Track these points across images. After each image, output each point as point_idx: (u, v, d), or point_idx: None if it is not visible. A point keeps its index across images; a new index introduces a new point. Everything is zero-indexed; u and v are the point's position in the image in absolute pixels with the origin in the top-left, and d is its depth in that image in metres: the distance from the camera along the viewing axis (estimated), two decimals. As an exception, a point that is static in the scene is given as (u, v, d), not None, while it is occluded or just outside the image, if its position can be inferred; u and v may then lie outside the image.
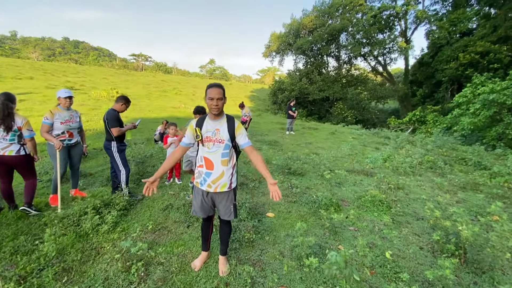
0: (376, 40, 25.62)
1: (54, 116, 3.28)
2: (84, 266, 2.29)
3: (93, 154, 5.94)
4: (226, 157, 2.04)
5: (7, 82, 21.38)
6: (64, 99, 3.34)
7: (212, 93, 1.92)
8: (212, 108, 1.95)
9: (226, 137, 2.01)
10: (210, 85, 1.96)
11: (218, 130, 2.02)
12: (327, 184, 4.62)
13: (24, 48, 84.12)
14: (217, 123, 2.03)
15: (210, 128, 2.03)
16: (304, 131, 12.75)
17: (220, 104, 1.95)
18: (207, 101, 1.96)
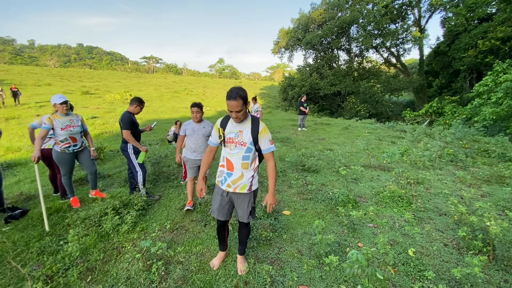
0: (388, 31, 24.85)
1: (53, 123, 3.22)
2: (106, 266, 2.35)
3: (110, 156, 6.10)
4: (247, 160, 1.99)
5: (28, 89, 22.33)
6: (60, 105, 3.26)
7: (231, 106, 1.84)
8: (233, 118, 1.92)
9: (249, 140, 1.96)
10: (228, 97, 1.83)
11: (241, 132, 1.97)
12: (343, 180, 4.53)
13: (41, 56, 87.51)
14: (241, 125, 1.98)
15: (233, 129, 1.99)
16: (317, 127, 12.56)
17: (240, 115, 1.88)
18: (228, 111, 1.90)
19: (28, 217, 3.29)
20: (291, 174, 4.74)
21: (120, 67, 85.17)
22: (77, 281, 2.16)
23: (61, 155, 3.30)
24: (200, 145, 3.33)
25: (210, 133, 3.32)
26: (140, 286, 2.11)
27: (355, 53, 29.60)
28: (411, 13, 25.63)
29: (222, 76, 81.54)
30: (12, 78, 28.16)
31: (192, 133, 3.31)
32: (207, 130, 3.34)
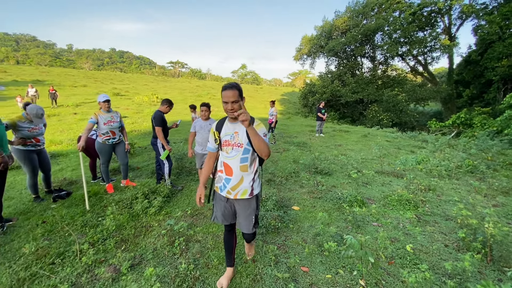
0: (415, 39, 24.24)
1: (97, 118, 3.75)
2: (137, 239, 2.77)
3: (139, 152, 6.70)
4: (246, 162, 1.87)
5: (66, 89, 24.37)
6: (103, 103, 3.78)
7: (226, 96, 1.71)
8: (228, 112, 1.77)
9: (245, 140, 1.83)
10: (224, 87, 1.75)
11: (237, 133, 1.86)
12: (353, 184, 4.69)
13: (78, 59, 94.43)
14: (236, 126, 1.86)
15: (229, 131, 1.88)
16: (335, 133, 12.61)
17: (236, 107, 1.72)
18: (223, 105, 1.76)
19: (71, 197, 3.85)
20: (303, 175, 4.97)
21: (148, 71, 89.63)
22: (113, 249, 2.58)
23: (102, 145, 3.83)
24: (206, 140, 3.81)
25: None
26: (165, 257, 2.49)
27: (380, 60, 29.10)
28: (440, 20, 24.83)
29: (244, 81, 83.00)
30: (52, 79, 30.87)
31: (199, 129, 3.85)
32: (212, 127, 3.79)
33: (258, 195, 2.03)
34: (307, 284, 2.17)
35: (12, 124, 3.29)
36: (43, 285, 2.09)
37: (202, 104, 3.83)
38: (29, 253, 2.47)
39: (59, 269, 2.28)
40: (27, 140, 3.41)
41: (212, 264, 2.37)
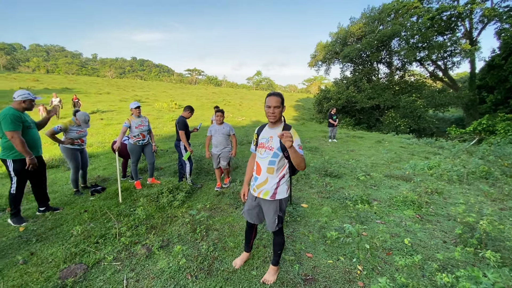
0: (434, 43, 23.80)
1: (130, 122, 4.31)
2: (164, 227, 3.21)
3: (162, 154, 7.27)
4: (273, 165, 2.03)
5: (91, 97, 26.00)
6: (135, 109, 4.37)
7: (269, 101, 1.97)
8: (269, 115, 2.00)
9: (276, 145, 2.00)
10: (269, 94, 2.01)
11: (272, 137, 2.05)
12: (361, 186, 4.92)
13: (102, 68, 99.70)
14: (273, 131, 2.06)
15: (266, 135, 2.10)
16: (348, 139, 12.71)
17: (277, 112, 1.97)
18: (265, 109, 2.00)
19: (106, 192, 4.39)
20: (313, 176, 5.26)
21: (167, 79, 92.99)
22: (145, 233, 3.03)
23: (133, 146, 4.36)
24: (220, 142, 4.33)
25: (228, 132, 4.28)
26: (188, 241, 2.90)
27: (397, 66, 28.75)
28: (461, 24, 24.26)
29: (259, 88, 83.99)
30: (80, 87, 33.04)
31: (214, 133, 4.34)
32: (225, 130, 4.34)
33: (282, 200, 2.10)
34: (310, 267, 2.48)
35: (65, 127, 3.90)
36: (91, 258, 2.55)
37: (216, 110, 4.29)
38: (77, 234, 2.96)
39: (102, 247, 2.75)
40: (75, 140, 4.00)
41: (229, 247, 2.75)
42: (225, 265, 2.48)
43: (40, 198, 3.56)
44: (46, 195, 3.63)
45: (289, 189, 2.15)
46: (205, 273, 2.36)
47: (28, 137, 3.14)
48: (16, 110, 3.05)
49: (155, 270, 2.41)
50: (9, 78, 33.96)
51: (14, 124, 2.95)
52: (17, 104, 3.10)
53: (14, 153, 3.07)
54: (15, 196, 3.19)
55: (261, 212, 2.24)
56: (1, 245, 2.80)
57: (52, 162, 6.29)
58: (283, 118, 2.12)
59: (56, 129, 3.85)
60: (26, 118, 3.17)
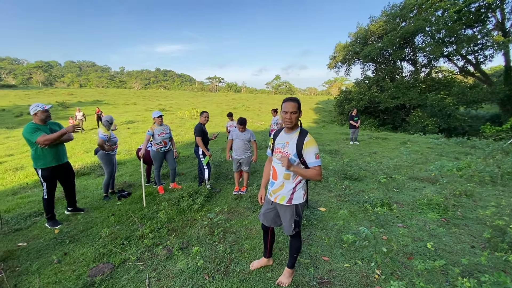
0: (463, 37, 22.39)
1: (153, 130, 4.55)
2: (184, 229, 3.34)
3: (183, 160, 7.55)
4: (289, 171, 2.04)
5: (119, 107, 27.60)
6: (157, 118, 4.60)
7: (286, 107, 1.96)
8: (285, 121, 1.99)
9: (292, 151, 2.00)
10: (285, 99, 2.00)
11: (288, 143, 2.04)
12: (383, 189, 4.76)
13: (128, 80, 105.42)
14: (289, 137, 2.06)
15: (282, 140, 2.10)
16: (371, 141, 12.30)
17: (294, 117, 1.97)
18: (282, 115, 1.99)
19: (131, 197, 4.65)
20: (332, 179, 5.18)
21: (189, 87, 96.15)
22: (166, 236, 3.18)
23: (156, 153, 4.60)
24: (240, 147, 4.47)
25: (249, 138, 4.37)
26: (206, 243, 3.00)
27: (422, 63, 27.43)
28: (492, 15, 22.65)
29: (278, 92, 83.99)
30: (109, 99, 35.20)
31: (236, 138, 4.49)
32: (246, 136, 4.47)
33: (299, 205, 2.10)
34: (326, 270, 2.46)
35: (108, 135, 4.32)
36: (117, 258, 2.73)
37: (239, 122, 4.38)
38: (105, 236, 3.18)
39: (127, 248, 2.93)
40: (113, 146, 4.41)
41: (245, 250, 2.81)
42: (241, 267, 2.54)
43: (69, 200, 3.94)
44: (73, 198, 3.98)
45: (306, 194, 2.15)
46: (222, 274, 2.44)
47: (51, 147, 3.42)
48: (34, 123, 3.35)
49: (175, 270, 2.53)
50: (47, 93, 37.08)
51: (35, 131, 3.26)
52: (34, 118, 3.40)
53: (41, 163, 3.39)
54: (47, 200, 3.50)
55: (278, 216, 2.25)
56: (38, 246, 3.09)
57: (84, 169, 6.79)
58: (299, 123, 2.11)
59: (105, 138, 4.27)
60: (45, 130, 3.40)
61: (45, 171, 3.42)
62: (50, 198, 3.52)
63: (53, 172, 3.47)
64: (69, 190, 3.86)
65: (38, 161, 3.40)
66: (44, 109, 3.39)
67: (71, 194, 3.91)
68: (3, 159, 8.74)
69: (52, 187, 3.53)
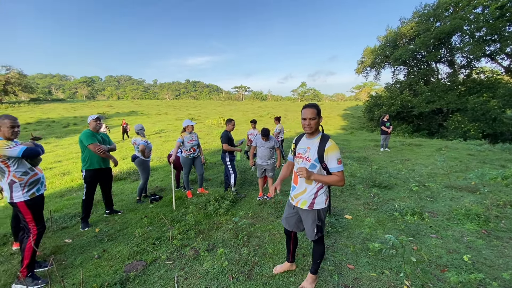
0: (508, 34, 20.53)
1: (183, 138, 4.84)
2: (210, 232, 3.48)
3: (210, 166, 7.82)
4: None
5: (152, 117, 29.29)
6: (189, 126, 4.92)
7: (305, 114, 2.01)
8: (305, 127, 2.04)
9: (314, 156, 2.02)
10: (304, 106, 2.04)
11: (309, 148, 2.07)
12: (415, 197, 4.51)
13: (161, 91, 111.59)
14: (310, 142, 2.09)
15: (303, 145, 2.13)
16: (403, 147, 11.66)
17: (313, 123, 2.00)
18: (302, 121, 2.04)
19: (162, 200, 4.93)
20: (359, 187, 5.02)
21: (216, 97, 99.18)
22: (193, 238, 3.33)
23: (186, 159, 4.87)
24: (264, 154, 4.55)
25: (273, 145, 4.43)
26: (231, 246, 3.09)
27: (461, 64, 25.51)
28: (541, 9, 20.50)
29: (304, 99, 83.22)
30: (143, 109, 37.55)
31: (260, 145, 4.58)
32: (270, 144, 4.54)
33: (321, 210, 2.09)
34: (351, 278, 2.41)
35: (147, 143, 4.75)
36: (149, 257, 2.93)
37: (263, 134, 4.49)
38: (138, 236, 3.42)
39: (158, 248, 3.12)
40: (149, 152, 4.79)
41: (268, 254, 2.85)
42: (264, 270, 2.58)
43: (107, 202, 4.31)
44: (111, 201, 4.33)
45: (328, 200, 2.14)
46: (245, 276, 2.50)
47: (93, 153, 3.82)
48: (91, 130, 3.84)
49: (201, 270, 2.64)
50: (90, 106, 40.62)
51: (89, 139, 3.72)
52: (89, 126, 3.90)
53: (86, 165, 3.80)
54: (85, 201, 3.87)
55: (300, 221, 2.26)
56: (81, 243, 3.41)
57: (121, 175, 7.32)
58: (321, 128, 2.14)
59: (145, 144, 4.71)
60: (98, 137, 3.88)
61: (88, 173, 3.80)
62: (88, 200, 3.89)
63: (95, 174, 3.84)
64: (107, 193, 4.23)
65: (84, 163, 3.81)
66: (93, 119, 3.90)
67: (108, 197, 4.27)
68: (52, 165, 9.75)
69: (92, 189, 3.89)
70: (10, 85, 37.75)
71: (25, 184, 2.57)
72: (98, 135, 3.93)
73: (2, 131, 2.48)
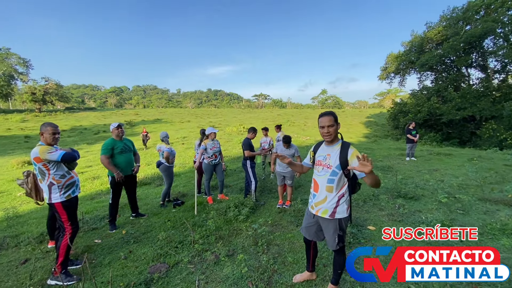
0: (547, 36, 19.09)
1: (206, 145, 4.97)
2: (230, 238, 3.53)
3: (230, 173, 7.94)
4: (332, 183, 2.03)
5: (175, 125, 30.33)
6: (212, 133, 5.08)
7: (322, 122, 2.01)
8: (324, 135, 2.04)
9: (335, 163, 2.01)
10: (321, 114, 2.05)
11: (329, 155, 2.06)
12: (444, 210, 4.26)
13: (184, 100, 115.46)
14: (330, 149, 2.08)
15: (323, 153, 2.13)
16: (431, 157, 11.07)
17: (332, 130, 2.00)
18: (320, 130, 2.04)
19: (184, 205, 5.09)
20: (383, 197, 4.84)
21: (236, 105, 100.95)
22: (213, 242, 3.40)
23: (208, 165, 5.02)
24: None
25: (294, 154, 4.44)
26: (250, 253, 3.12)
27: (494, 69, 23.97)
28: None
29: (325, 106, 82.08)
30: (167, 117, 39.04)
31: (281, 152, 4.55)
32: (291, 152, 4.53)
33: (342, 219, 2.06)
34: (374, 291, 2.33)
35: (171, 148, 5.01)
36: (172, 259, 3.03)
37: (285, 141, 4.52)
38: (162, 239, 3.55)
39: (180, 251, 3.22)
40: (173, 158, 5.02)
41: (288, 262, 2.84)
42: (284, 278, 2.57)
43: (132, 206, 4.52)
44: (136, 205, 4.54)
45: (349, 209, 2.10)
46: (265, 283, 2.51)
47: (117, 160, 4.01)
48: (112, 139, 4.05)
49: (221, 275, 2.69)
50: (118, 114, 42.96)
51: (103, 150, 3.94)
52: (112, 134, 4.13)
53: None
54: (111, 205, 4.09)
55: (320, 230, 2.23)
56: (110, 243, 3.60)
57: (145, 180, 7.65)
58: (340, 135, 2.12)
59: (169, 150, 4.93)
60: (119, 144, 4.04)
61: (113, 178, 4.02)
62: (114, 204, 4.11)
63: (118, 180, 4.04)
64: (132, 197, 4.45)
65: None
66: (114, 127, 4.10)
67: (133, 201, 4.49)
68: (84, 169, 10.40)
69: (117, 194, 4.11)
70: (48, 95, 41.03)
71: (62, 186, 2.80)
72: (121, 142, 4.11)
73: (45, 137, 2.74)
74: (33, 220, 4.88)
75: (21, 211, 5.55)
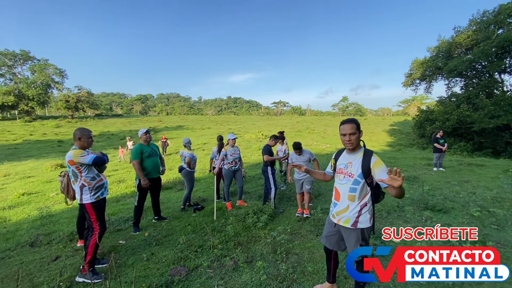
0: None
1: (226, 151, 5.07)
2: (249, 244, 3.53)
3: (249, 180, 7.99)
4: (354, 192, 1.99)
5: (196, 131, 31.10)
6: (232, 140, 5.14)
7: (344, 129, 1.98)
8: (345, 143, 2.00)
9: (357, 172, 1.97)
10: (342, 122, 2.02)
11: (351, 163, 2.02)
12: (477, 224, 3.98)
13: (205, 107, 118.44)
14: (351, 157, 2.04)
15: (344, 160, 2.09)
16: (462, 167, 10.42)
17: (353, 138, 1.96)
18: (341, 137, 2.01)
19: (204, 210, 5.18)
20: (408, 209, 4.63)
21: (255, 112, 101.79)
22: (232, 248, 3.42)
23: (228, 171, 5.10)
24: None
25: (309, 158, 4.42)
26: (269, 260, 3.10)
27: (533, 74, 22.28)
28: None
29: (345, 113, 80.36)
30: (188, 124, 40.19)
31: (296, 160, 4.50)
32: (305, 157, 4.50)
33: (365, 229, 2.02)
34: (399, 307, 2.22)
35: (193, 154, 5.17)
36: (191, 263, 3.09)
37: (295, 147, 4.51)
38: (182, 242, 3.63)
39: (200, 255, 3.28)
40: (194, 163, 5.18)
41: (307, 272, 2.78)
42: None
43: (155, 209, 4.68)
44: (159, 208, 4.70)
45: (372, 218, 2.05)
46: (284, 292, 2.47)
47: (145, 164, 4.23)
48: (140, 144, 4.29)
49: (240, 281, 2.70)
50: (143, 121, 44.90)
51: (133, 155, 4.17)
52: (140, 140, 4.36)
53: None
54: (137, 207, 4.26)
55: (341, 240, 2.18)
56: (133, 245, 3.74)
57: (167, 184, 7.89)
58: (362, 143, 2.07)
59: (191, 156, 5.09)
60: (146, 149, 4.26)
61: (140, 182, 4.20)
62: (139, 206, 4.28)
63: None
64: (156, 201, 4.61)
65: None
66: (143, 132, 4.33)
67: (156, 204, 4.65)
68: (110, 173, 10.93)
69: (143, 196, 4.29)
70: (80, 103, 43.99)
71: (93, 188, 2.97)
72: (148, 147, 4.33)
73: (82, 141, 2.94)
74: (64, 220, 5.19)
75: (54, 211, 5.93)
